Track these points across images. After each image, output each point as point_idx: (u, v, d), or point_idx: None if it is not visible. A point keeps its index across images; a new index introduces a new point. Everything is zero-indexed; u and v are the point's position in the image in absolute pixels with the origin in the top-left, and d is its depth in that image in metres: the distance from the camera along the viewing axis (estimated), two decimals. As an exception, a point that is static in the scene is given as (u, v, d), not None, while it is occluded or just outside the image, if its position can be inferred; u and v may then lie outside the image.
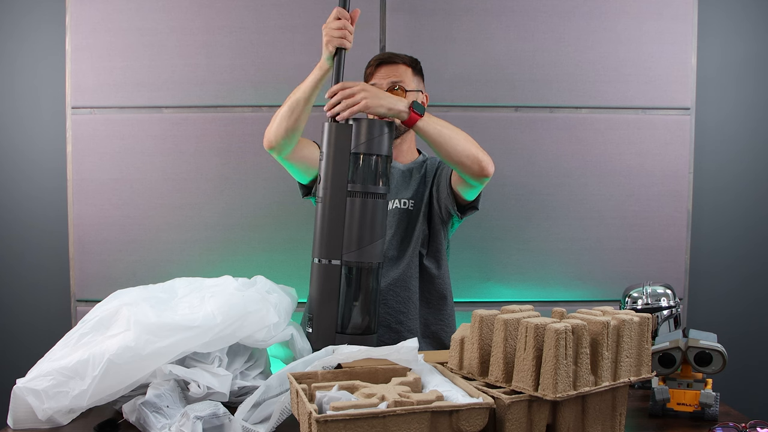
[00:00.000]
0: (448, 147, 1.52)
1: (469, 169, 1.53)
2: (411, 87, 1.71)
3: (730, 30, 2.19)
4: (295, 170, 1.68)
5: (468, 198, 1.66)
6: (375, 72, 1.73)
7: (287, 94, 1.57)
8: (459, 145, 1.52)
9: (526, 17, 2.09)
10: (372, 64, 1.76)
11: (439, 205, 1.72)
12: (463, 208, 1.69)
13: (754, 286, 2.23)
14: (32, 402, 1.12)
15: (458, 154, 1.52)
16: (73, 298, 2.11)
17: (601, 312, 1.09)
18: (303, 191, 1.76)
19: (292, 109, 1.55)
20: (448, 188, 1.67)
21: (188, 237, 2.10)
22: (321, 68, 1.53)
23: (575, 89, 2.11)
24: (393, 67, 1.72)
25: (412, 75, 1.73)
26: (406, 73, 1.72)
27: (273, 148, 1.60)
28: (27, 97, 2.17)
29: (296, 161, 1.65)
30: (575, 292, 2.13)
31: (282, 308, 1.32)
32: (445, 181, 1.68)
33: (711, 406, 1.18)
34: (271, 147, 1.60)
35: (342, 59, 1.48)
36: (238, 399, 1.22)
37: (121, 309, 1.21)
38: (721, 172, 2.21)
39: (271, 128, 1.59)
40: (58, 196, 2.16)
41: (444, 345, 1.72)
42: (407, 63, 1.73)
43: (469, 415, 0.93)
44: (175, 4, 2.07)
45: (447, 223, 1.75)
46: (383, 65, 1.73)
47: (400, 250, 1.73)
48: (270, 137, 1.59)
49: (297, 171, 1.69)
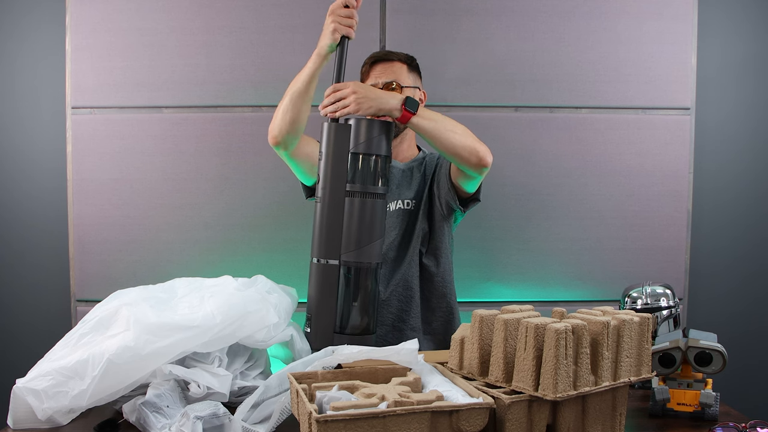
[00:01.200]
0: (445, 140, 1.51)
1: (468, 160, 1.52)
2: (407, 84, 1.70)
3: (730, 30, 2.19)
4: (300, 169, 1.67)
5: (469, 190, 1.65)
6: (370, 70, 1.72)
7: None
8: (456, 138, 1.51)
9: (526, 17, 2.09)
10: (367, 62, 1.75)
11: (440, 201, 1.71)
12: (465, 201, 1.68)
13: (753, 286, 2.23)
14: (32, 402, 1.12)
15: (455, 146, 1.51)
16: (73, 298, 2.11)
17: (601, 312, 1.09)
18: (306, 192, 1.75)
19: (293, 100, 1.53)
20: (448, 182, 1.66)
21: (188, 237, 2.10)
22: (320, 56, 1.50)
23: (575, 89, 2.11)
24: (388, 65, 1.71)
25: (407, 72, 1.72)
26: (401, 70, 1.71)
27: (279, 144, 1.57)
28: (27, 97, 2.17)
29: (301, 158, 1.64)
30: (575, 292, 2.13)
31: (282, 308, 1.32)
32: (444, 176, 1.68)
33: (711, 406, 1.18)
34: (277, 142, 1.57)
35: (345, 49, 1.46)
36: (238, 399, 1.22)
37: (120, 309, 1.21)
38: (721, 172, 2.21)
39: (274, 123, 1.57)
40: (58, 196, 2.16)
41: (445, 343, 1.72)
42: (403, 60, 1.73)
43: (469, 415, 0.93)
44: (175, 4, 2.07)
45: (449, 218, 1.75)
46: (378, 63, 1.72)
47: (401, 249, 1.72)
48: (275, 132, 1.56)
49: (301, 170, 1.68)
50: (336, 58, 1.47)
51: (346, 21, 1.45)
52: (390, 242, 1.71)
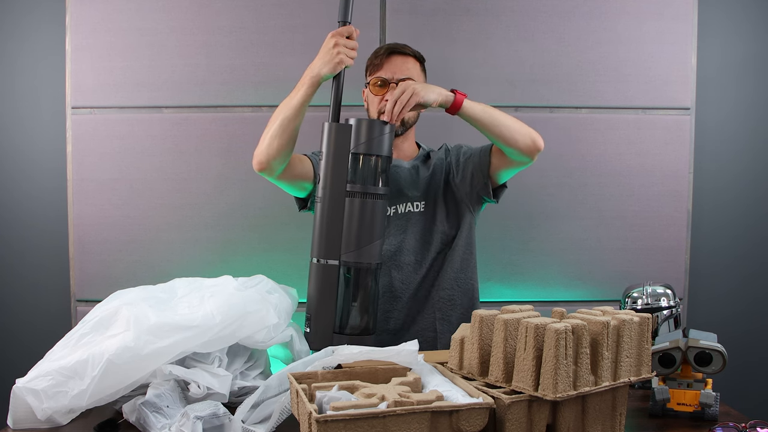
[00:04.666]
0: (500, 125, 1.47)
1: (524, 145, 1.50)
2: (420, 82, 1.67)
3: (730, 30, 2.19)
4: (290, 188, 1.64)
5: (505, 179, 1.63)
6: (385, 61, 1.66)
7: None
8: (510, 122, 1.48)
9: (526, 17, 2.09)
10: (381, 53, 1.68)
11: (469, 192, 1.67)
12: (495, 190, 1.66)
13: (753, 286, 2.23)
14: (31, 402, 1.12)
15: (511, 131, 1.48)
16: (73, 298, 2.11)
17: (601, 312, 1.09)
18: (300, 204, 1.71)
19: (284, 127, 1.48)
20: (485, 176, 1.63)
21: (188, 237, 2.10)
22: (314, 85, 1.45)
23: (575, 89, 2.10)
24: (404, 59, 1.67)
25: (420, 71, 1.70)
26: (415, 67, 1.68)
27: (264, 170, 1.51)
28: (27, 97, 2.17)
29: (291, 180, 1.59)
30: (575, 292, 2.13)
31: (282, 309, 1.32)
32: (479, 165, 1.63)
33: (711, 406, 1.18)
34: (263, 168, 1.51)
35: (343, 77, 1.45)
36: (238, 399, 1.22)
37: (120, 309, 1.21)
38: (721, 172, 2.21)
39: (260, 149, 1.50)
40: (58, 196, 2.16)
41: None
42: (417, 57, 1.70)
43: (469, 415, 0.93)
44: (175, 4, 2.07)
45: (474, 212, 1.71)
46: (395, 55, 1.67)
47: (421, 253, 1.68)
48: (261, 158, 1.50)
49: (292, 188, 1.64)
50: (335, 85, 1.44)
51: (351, 53, 1.43)
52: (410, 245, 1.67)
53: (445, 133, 1.96)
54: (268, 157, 1.49)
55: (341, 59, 1.41)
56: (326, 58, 1.42)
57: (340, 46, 1.42)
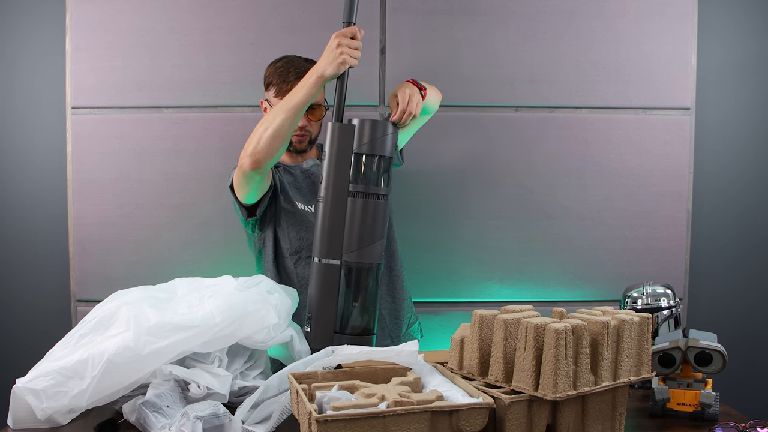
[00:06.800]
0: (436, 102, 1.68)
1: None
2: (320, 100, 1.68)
3: (730, 30, 2.19)
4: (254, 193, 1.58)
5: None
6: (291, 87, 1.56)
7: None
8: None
9: (526, 17, 2.09)
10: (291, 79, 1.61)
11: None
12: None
13: (754, 286, 2.23)
14: (31, 402, 1.12)
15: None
16: (73, 298, 2.11)
17: (601, 312, 1.09)
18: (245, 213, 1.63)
19: (285, 128, 1.46)
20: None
21: (188, 237, 2.10)
22: (317, 85, 1.44)
23: (575, 89, 2.10)
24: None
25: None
26: None
27: (258, 169, 1.48)
28: (27, 97, 2.17)
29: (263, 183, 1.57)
30: (575, 292, 2.13)
31: (282, 309, 1.32)
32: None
33: (711, 406, 1.18)
34: (257, 168, 1.47)
35: (346, 78, 1.45)
36: (238, 399, 1.22)
37: (120, 309, 1.21)
38: (721, 172, 2.21)
39: (259, 147, 1.46)
40: (58, 196, 2.15)
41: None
42: None
43: (469, 415, 0.93)
44: (175, 4, 2.07)
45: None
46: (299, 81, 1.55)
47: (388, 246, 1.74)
48: (259, 157, 1.46)
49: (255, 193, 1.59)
50: (339, 86, 1.45)
51: (356, 53, 1.44)
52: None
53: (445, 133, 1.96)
54: (267, 156, 1.47)
55: (345, 60, 1.42)
56: (330, 59, 1.43)
57: (343, 47, 1.42)
